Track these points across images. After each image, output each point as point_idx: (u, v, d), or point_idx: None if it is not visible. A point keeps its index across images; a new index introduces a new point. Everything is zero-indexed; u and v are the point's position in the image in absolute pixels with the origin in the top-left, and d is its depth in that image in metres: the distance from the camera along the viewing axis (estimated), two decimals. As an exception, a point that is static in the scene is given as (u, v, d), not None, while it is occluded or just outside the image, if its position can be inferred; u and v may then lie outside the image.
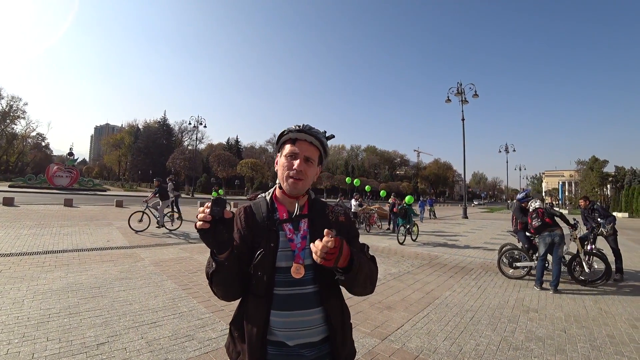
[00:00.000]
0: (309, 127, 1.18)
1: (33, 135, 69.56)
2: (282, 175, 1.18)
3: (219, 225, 0.96)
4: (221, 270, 1.04)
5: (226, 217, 0.97)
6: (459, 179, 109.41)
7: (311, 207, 1.25)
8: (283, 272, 1.11)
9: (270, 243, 1.12)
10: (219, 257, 1.03)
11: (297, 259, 1.11)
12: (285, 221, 1.17)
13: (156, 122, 75.98)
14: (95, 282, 4.72)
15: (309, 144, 1.18)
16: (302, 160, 1.16)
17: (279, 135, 1.23)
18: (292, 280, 1.10)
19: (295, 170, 1.14)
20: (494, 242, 11.09)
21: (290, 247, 1.14)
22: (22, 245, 6.90)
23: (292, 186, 1.16)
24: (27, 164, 68.59)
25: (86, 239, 7.99)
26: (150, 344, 2.96)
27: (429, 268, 6.88)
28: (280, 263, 1.11)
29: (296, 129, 1.17)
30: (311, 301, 1.11)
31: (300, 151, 1.16)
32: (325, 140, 1.23)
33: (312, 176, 1.21)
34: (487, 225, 18.58)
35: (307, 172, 1.17)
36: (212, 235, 0.97)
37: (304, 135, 1.17)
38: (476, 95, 23.72)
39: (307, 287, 1.12)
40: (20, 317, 3.41)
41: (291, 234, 1.16)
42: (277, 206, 1.22)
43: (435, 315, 4.09)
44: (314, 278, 1.13)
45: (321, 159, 1.25)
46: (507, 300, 4.82)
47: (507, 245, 7.06)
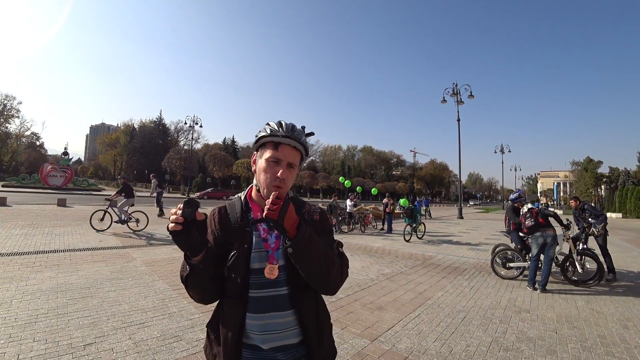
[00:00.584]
0: (292, 130, 1.13)
1: (27, 135, 69.00)
2: (264, 181, 1.12)
3: (191, 228, 0.93)
4: (196, 274, 1.02)
5: (198, 219, 0.94)
6: (455, 179, 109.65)
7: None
8: (257, 274, 1.08)
9: (244, 244, 1.09)
10: (192, 260, 1.01)
11: (271, 260, 1.08)
12: (259, 221, 1.14)
13: (152, 121, 75.58)
14: (86, 282, 4.67)
15: (292, 148, 1.13)
16: (286, 167, 1.12)
17: (260, 136, 1.17)
18: (266, 282, 1.07)
19: (278, 178, 1.10)
20: (488, 243, 11.13)
21: (265, 247, 1.11)
22: (13, 245, 6.83)
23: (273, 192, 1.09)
24: (21, 163, 68.01)
25: (78, 239, 7.92)
26: (137, 345, 2.93)
27: (423, 268, 6.89)
28: (254, 264, 1.09)
29: (282, 134, 1.11)
30: (285, 303, 1.09)
31: (283, 158, 1.12)
32: (305, 141, 1.18)
33: (293, 180, 1.18)
34: (482, 226, 18.66)
35: (288, 179, 1.13)
36: (185, 238, 0.94)
37: (287, 141, 1.12)
38: (472, 96, 23.84)
39: (281, 289, 1.09)
40: (8, 318, 3.36)
41: (265, 233, 1.13)
42: (251, 206, 1.19)
43: (426, 316, 4.09)
44: (287, 279, 1.10)
45: (302, 159, 1.22)
46: (500, 301, 4.83)
47: (501, 245, 7.08)
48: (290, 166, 1.14)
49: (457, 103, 24.19)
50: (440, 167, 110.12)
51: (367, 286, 5.35)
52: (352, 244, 9.92)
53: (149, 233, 9.61)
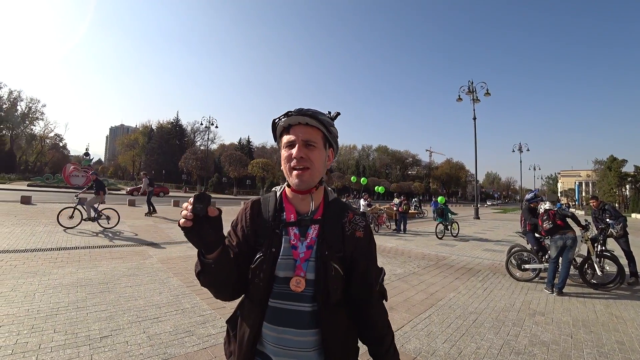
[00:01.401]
0: (301, 109, 1.00)
1: (51, 136, 71.53)
2: (285, 170, 1.03)
3: (204, 224, 0.86)
4: (208, 272, 0.94)
5: (211, 215, 0.86)
6: (472, 179, 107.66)
7: (326, 211, 1.07)
8: (281, 283, 0.98)
9: (272, 248, 1.00)
10: (206, 258, 0.93)
11: (298, 271, 0.98)
12: (291, 224, 1.03)
13: (169, 122, 77.07)
14: (104, 278, 4.84)
15: (304, 126, 1.00)
16: (301, 145, 0.99)
17: (272, 128, 1.07)
18: (289, 294, 0.97)
19: (294, 158, 0.98)
20: (504, 243, 10.90)
21: (293, 256, 1.00)
22: (36, 241, 7.12)
23: (297, 178, 1.00)
24: (45, 163, 70.59)
25: (98, 237, 8.19)
26: (151, 339, 3.03)
27: (436, 269, 6.82)
28: (279, 272, 0.98)
29: (284, 114, 1.01)
30: (306, 321, 0.97)
31: (296, 137, 0.99)
32: (325, 118, 1.02)
33: (321, 161, 1.03)
34: (498, 226, 18.28)
35: (312, 157, 0.99)
36: (197, 235, 0.86)
37: (296, 119, 0.99)
38: (488, 94, 23.35)
39: (304, 305, 0.97)
40: (31, 310, 3.53)
41: (296, 240, 1.01)
42: (284, 205, 1.07)
43: (437, 317, 4.06)
44: (313, 296, 0.97)
45: (327, 140, 1.06)
46: (513, 303, 4.74)
47: (516, 246, 6.93)
48: (308, 144, 1.00)
49: (473, 101, 23.74)
50: (456, 167, 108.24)
51: (378, 286, 5.33)
52: (364, 244, 9.86)
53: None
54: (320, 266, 0.98)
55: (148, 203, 13.68)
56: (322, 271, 0.97)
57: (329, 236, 1.01)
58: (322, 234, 1.01)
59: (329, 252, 1.00)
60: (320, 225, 1.03)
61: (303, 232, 1.02)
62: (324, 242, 1.00)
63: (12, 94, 61.24)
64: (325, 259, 0.98)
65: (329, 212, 1.07)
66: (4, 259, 5.49)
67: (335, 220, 1.05)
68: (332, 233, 1.02)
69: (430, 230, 14.61)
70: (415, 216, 23.48)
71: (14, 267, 5.10)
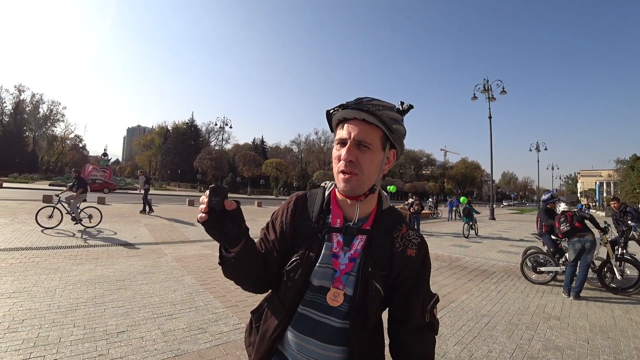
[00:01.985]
0: (360, 100, 0.87)
1: (71, 137, 73.83)
2: (334, 170, 0.91)
3: (223, 218, 0.81)
4: (228, 265, 0.88)
5: (228, 208, 0.80)
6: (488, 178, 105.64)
7: (376, 221, 0.96)
8: (314, 291, 0.91)
9: (310, 252, 0.92)
10: (229, 251, 0.87)
11: (337, 283, 0.89)
12: (335, 230, 0.94)
13: (184, 123, 78.47)
14: (121, 275, 4.98)
15: (361, 122, 0.86)
16: (352, 146, 0.86)
17: (327, 117, 0.95)
18: (321, 304, 0.90)
19: (342, 161, 0.87)
20: (520, 245, 10.68)
21: (333, 265, 0.91)
22: (57, 239, 7.38)
23: (343, 183, 0.88)
24: (65, 164, 72.79)
25: (115, 235, 8.43)
26: (165, 335, 3.11)
27: (449, 270, 6.75)
28: (314, 280, 0.91)
29: (339, 105, 0.89)
30: (335, 337, 0.89)
31: (348, 135, 0.87)
32: (389, 115, 0.88)
33: (374, 166, 0.89)
34: (514, 227, 17.92)
35: (362, 161, 0.86)
36: (218, 229, 0.81)
37: (350, 113, 0.86)
38: (504, 92, 22.87)
39: (336, 320, 0.89)
40: (52, 305, 3.67)
41: (338, 248, 0.92)
42: (332, 207, 0.98)
43: (448, 319, 4.02)
44: (349, 313, 0.89)
45: (388, 140, 0.91)
46: (528, 307, 4.65)
47: (532, 248, 6.79)
48: (361, 145, 0.86)
49: (489, 100, 23.32)
50: (471, 166, 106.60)
51: (389, 287, 5.31)
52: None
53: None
54: (360, 283, 0.88)
55: (144, 201, 13.47)
56: (362, 289, 0.88)
57: (375, 251, 0.91)
58: (368, 247, 0.91)
59: (372, 268, 0.89)
60: (368, 236, 0.92)
61: (347, 242, 0.92)
62: (370, 256, 0.90)
63: (35, 96, 63.84)
64: (368, 276, 0.88)
65: (379, 223, 0.95)
66: (27, 256, 5.71)
67: (386, 233, 0.94)
68: (379, 247, 0.91)
69: (444, 231, 14.47)
70: (429, 217, 23.23)
71: (37, 263, 5.31)
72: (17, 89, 60.95)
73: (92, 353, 2.72)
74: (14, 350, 2.70)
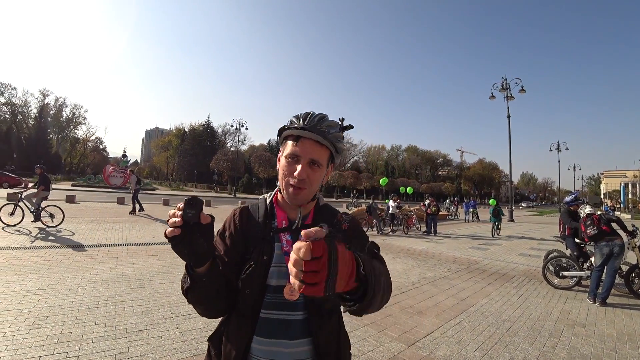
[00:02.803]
0: (315, 122, 0.95)
1: (92, 139, 76.30)
2: (282, 180, 0.99)
3: (195, 232, 0.76)
4: (199, 287, 0.86)
5: (203, 222, 0.77)
6: (506, 179, 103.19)
7: (317, 216, 1.06)
8: (273, 292, 0.94)
9: (263, 255, 0.96)
10: (196, 271, 0.85)
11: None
12: (282, 230, 1.00)
13: (201, 125, 79.65)
14: (140, 274, 5.08)
15: (314, 143, 0.95)
16: (305, 165, 0.95)
17: (279, 129, 1.02)
18: (282, 303, 0.93)
19: (296, 178, 0.94)
20: (540, 248, 10.38)
21: (285, 263, 0.92)
22: (79, 238, 7.59)
23: (292, 196, 0.96)
24: (87, 165, 75.28)
25: (135, 235, 8.61)
26: (183, 334, 3.15)
27: (467, 273, 6.60)
28: (272, 280, 0.95)
29: (300, 126, 0.95)
30: (299, 330, 0.94)
31: (302, 153, 0.95)
32: (337, 138, 0.98)
33: (319, 181, 1.00)
34: (534, 230, 17.44)
35: (312, 179, 0.96)
36: (187, 245, 0.77)
37: (307, 134, 0.94)
38: (523, 91, 22.29)
39: (297, 313, 0.94)
40: (75, 302, 3.77)
41: (288, 246, 0.97)
42: (276, 211, 1.04)
43: (468, 324, 3.93)
44: (306, 304, 0.94)
45: (332, 158, 1.03)
46: (551, 312, 4.50)
47: (554, 252, 6.58)
48: (313, 164, 0.96)
49: (507, 99, 22.79)
50: (489, 167, 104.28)
51: (407, 289, 5.25)
52: (394, 246, 9.77)
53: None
54: None
55: (133, 200, 13.21)
56: None
57: None
58: None
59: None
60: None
61: (295, 239, 0.97)
62: None
63: (58, 100, 66.27)
64: None
65: (319, 217, 1.06)
66: (50, 254, 5.90)
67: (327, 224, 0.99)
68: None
69: (461, 233, 14.21)
70: (446, 218, 22.88)
71: (60, 262, 5.47)
72: (41, 93, 63.49)
73: (113, 351, 2.78)
74: (38, 345, 2.78)
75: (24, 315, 3.36)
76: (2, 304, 3.59)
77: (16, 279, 4.48)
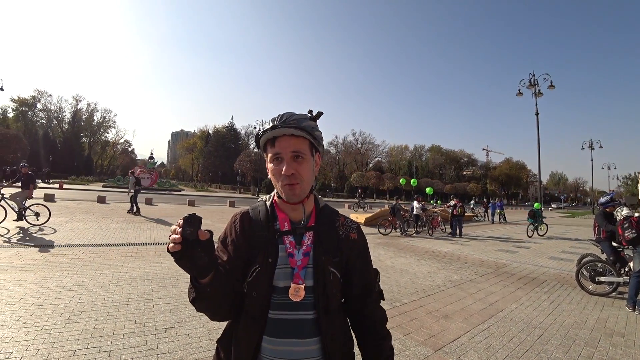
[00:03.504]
0: (285, 119, 0.97)
1: (121, 142, 79.70)
2: (276, 184, 1.01)
3: (195, 248, 0.81)
4: (204, 297, 0.89)
5: (202, 238, 0.81)
6: (534, 179, 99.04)
7: (318, 218, 1.07)
8: (280, 293, 0.97)
9: (268, 258, 0.98)
10: (200, 282, 0.88)
11: (296, 279, 0.96)
12: (286, 233, 1.02)
13: (224, 127, 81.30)
14: (168, 272, 5.23)
15: (290, 137, 0.97)
16: (289, 160, 0.97)
17: (255, 138, 1.05)
18: (290, 303, 0.95)
19: (284, 175, 0.96)
20: (572, 252, 9.91)
21: (290, 264, 0.98)
22: (110, 237, 7.91)
23: (289, 193, 0.98)
24: (116, 166, 78.62)
25: (162, 234, 8.88)
26: (210, 333, 3.21)
27: (495, 277, 6.39)
28: (278, 282, 0.97)
29: (269, 127, 0.97)
30: (308, 329, 0.96)
31: (282, 151, 0.97)
32: (310, 126, 0.99)
33: (310, 172, 1.01)
34: (565, 232, 16.66)
35: (301, 171, 0.98)
36: (189, 260, 0.81)
37: (281, 131, 0.96)
38: (552, 87, 21.27)
39: (306, 313, 0.97)
40: (106, 299, 3.93)
41: (292, 248, 1.00)
42: (277, 214, 1.06)
43: (497, 330, 3.79)
44: (314, 303, 0.97)
45: (314, 146, 1.03)
46: (586, 320, 4.27)
47: (588, 256, 6.26)
48: (297, 157, 0.97)
49: (535, 95, 21.85)
50: (516, 167, 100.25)
51: (432, 292, 5.14)
52: (418, 248, 9.60)
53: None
54: (318, 272, 0.98)
55: (131, 201, 13.12)
56: (321, 277, 0.98)
57: (324, 242, 1.02)
58: (317, 240, 1.02)
59: (325, 257, 1.00)
60: (315, 231, 1.03)
61: (298, 240, 1.02)
62: (320, 247, 1.01)
63: (90, 105, 69.66)
64: (323, 264, 0.99)
65: (321, 218, 1.07)
66: (84, 252, 6.18)
67: (329, 225, 1.07)
68: (327, 238, 1.04)
69: (487, 235, 13.79)
70: (472, 219, 22.26)
71: (92, 259, 5.72)
72: (74, 99, 67.05)
73: (143, 347, 2.87)
74: (73, 339, 2.91)
75: (60, 310, 3.53)
76: (41, 299, 3.80)
77: (53, 275, 4.72)
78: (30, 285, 4.26)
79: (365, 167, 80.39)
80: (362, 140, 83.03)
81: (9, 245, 6.44)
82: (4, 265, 5.04)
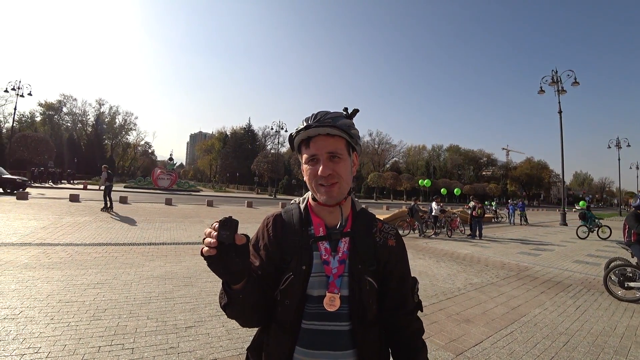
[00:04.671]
0: (319, 118, 0.93)
1: (142, 144, 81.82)
2: (311, 186, 0.96)
3: (230, 252, 0.77)
4: (236, 303, 0.86)
5: (238, 243, 0.78)
6: (557, 179, 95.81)
7: (355, 222, 1.02)
8: (314, 302, 0.92)
9: (302, 265, 0.93)
10: (232, 288, 0.85)
11: (332, 288, 0.92)
12: (321, 238, 0.97)
13: (242, 128, 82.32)
14: (187, 272, 5.32)
15: (326, 137, 0.93)
16: (326, 160, 0.92)
17: (289, 138, 1.00)
18: (324, 313, 0.91)
19: (322, 176, 0.92)
20: (599, 255, 9.53)
21: (325, 272, 0.94)
22: (132, 236, 8.12)
23: (326, 195, 0.93)
24: (137, 168, 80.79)
25: (182, 234, 9.06)
26: (229, 332, 3.24)
27: (517, 280, 6.21)
28: (312, 291, 0.93)
29: (302, 127, 0.94)
30: (344, 341, 0.91)
31: (318, 151, 0.93)
32: (346, 125, 0.94)
33: (348, 172, 0.96)
34: (591, 235, 16.02)
35: (339, 171, 0.93)
36: (223, 265, 0.78)
37: (315, 131, 0.92)
38: (576, 83, 20.53)
39: (341, 324, 0.92)
40: (129, 297, 4.03)
41: (327, 255, 0.95)
42: (312, 218, 1.01)
43: (520, 335, 3.67)
44: (350, 313, 0.92)
45: (351, 146, 0.99)
46: (615, 327, 4.09)
47: (617, 260, 5.99)
48: (334, 157, 0.93)
49: (558, 93, 21.14)
50: (538, 166, 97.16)
51: (453, 295, 5.03)
52: (437, 249, 9.44)
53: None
54: (354, 281, 0.93)
55: (104, 197, 13.01)
56: (357, 286, 0.93)
57: (361, 249, 0.97)
58: (353, 247, 0.97)
59: (362, 266, 0.95)
60: (351, 237, 0.98)
61: (334, 247, 0.96)
62: (357, 255, 0.96)
63: (112, 109, 72.08)
64: (359, 274, 0.94)
65: (358, 223, 1.02)
66: (107, 251, 6.36)
67: (366, 231, 1.01)
68: (364, 245, 0.98)
69: (508, 237, 13.42)
70: (491, 220, 21.74)
71: (115, 258, 5.88)
72: (98, 102, 69.58)
73: (164, 345, 2.92)
74: (98, 336, 3.00)
75: (85, 307, 3.64)
76: (67, 296, 3.93)
77: (78, 272, 4.88)
78: (57, 282, 4.41)
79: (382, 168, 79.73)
80: (379, 140, 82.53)
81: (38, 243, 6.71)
82: (33, 262, 5.25)
